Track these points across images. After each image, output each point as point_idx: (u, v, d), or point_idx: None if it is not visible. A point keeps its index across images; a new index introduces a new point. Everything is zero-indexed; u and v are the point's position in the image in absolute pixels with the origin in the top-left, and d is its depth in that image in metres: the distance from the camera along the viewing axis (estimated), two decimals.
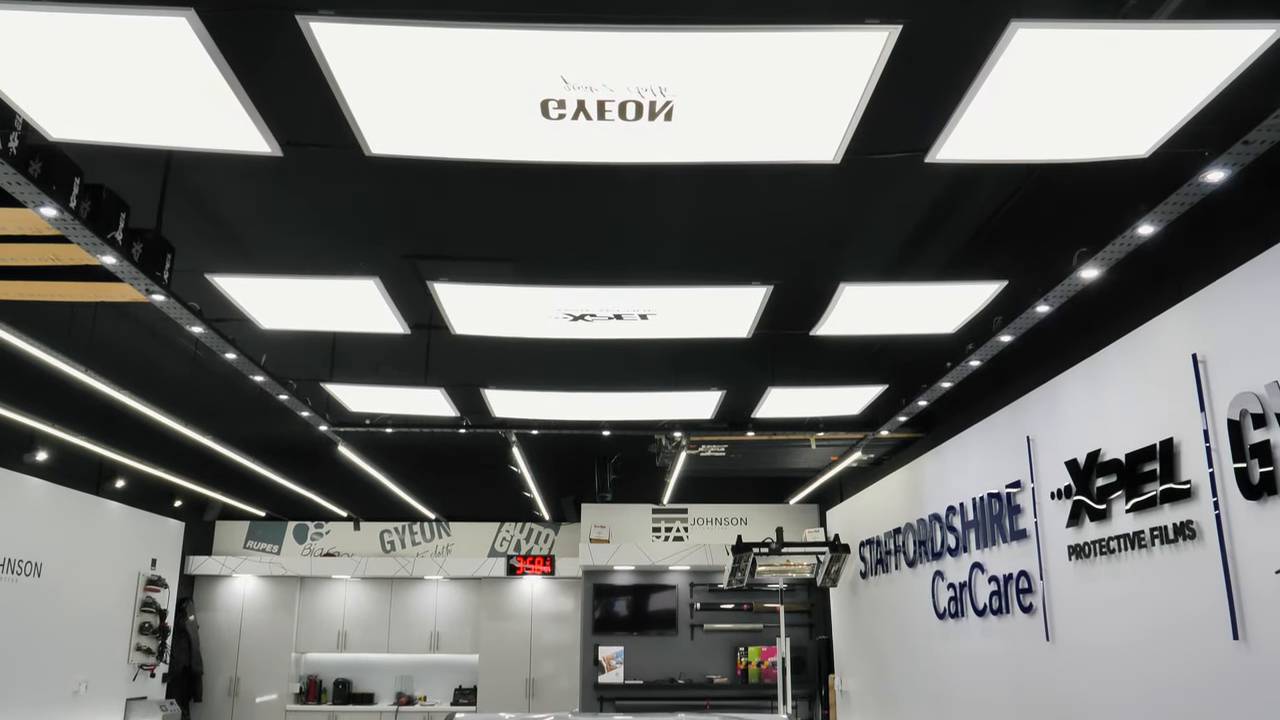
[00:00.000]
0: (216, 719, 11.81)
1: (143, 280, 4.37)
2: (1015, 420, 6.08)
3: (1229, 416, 4.05)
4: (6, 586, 8.29)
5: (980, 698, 6.46)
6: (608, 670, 11.28)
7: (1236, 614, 4.00)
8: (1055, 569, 5.51)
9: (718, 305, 4.89)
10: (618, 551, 11.45)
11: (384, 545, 12.81)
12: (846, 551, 9.32)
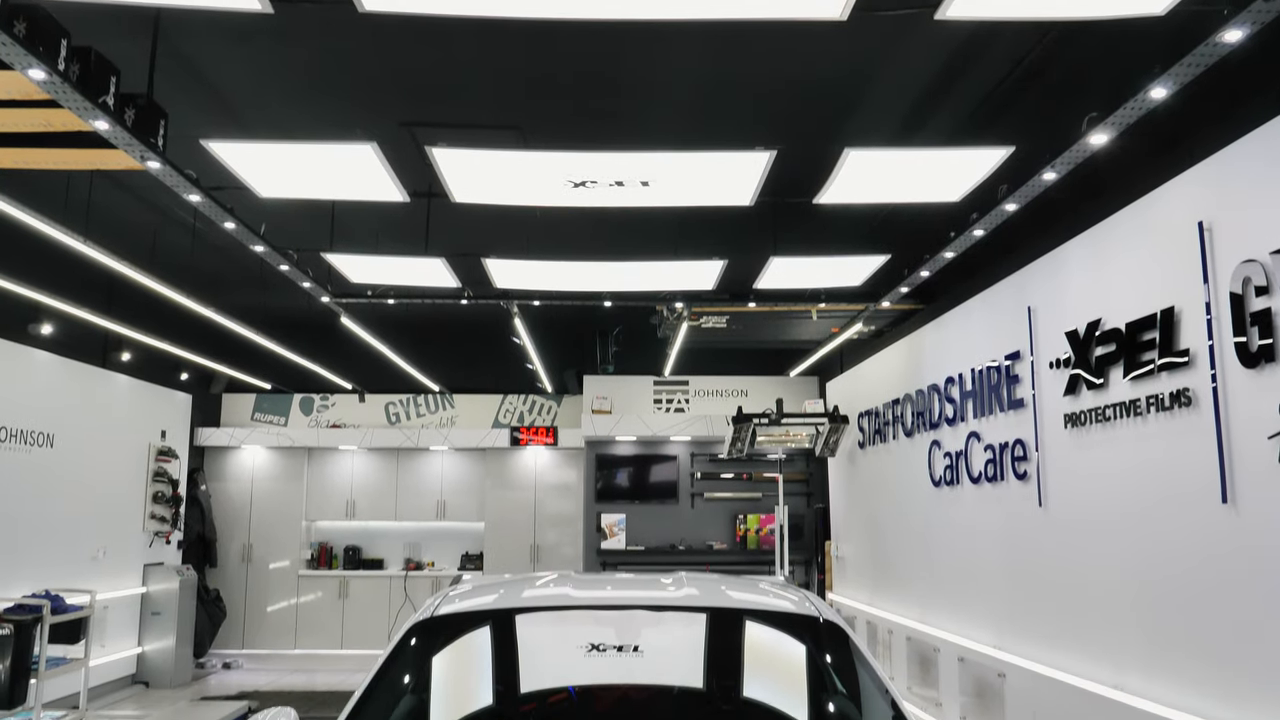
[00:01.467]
0: (231, 583, 12.20)
1: (137, 146, 4.31)
2: (1017, 290, 6.08)
3: (1231, 287, 4.04)
4: (21, 457, 8.45)
5: (972, 562, 6.65)
6: (610, 537, 11.59)
7: (1227, 479, 4.08)
8: (1051, 437, 5.60)
9: (720, 171, 4.83)
10: (619, 422, 11.62)
11: (389, 417, 12.99)
12: (845, 422, 9.45)
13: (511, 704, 3.03)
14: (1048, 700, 5.40)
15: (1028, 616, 5.83)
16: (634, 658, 3.06)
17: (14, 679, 7.33)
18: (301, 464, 12.58)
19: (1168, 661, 4.45)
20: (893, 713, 2.88)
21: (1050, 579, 5.57)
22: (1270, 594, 3.82)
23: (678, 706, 3.10)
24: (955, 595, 6.96)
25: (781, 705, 3.17)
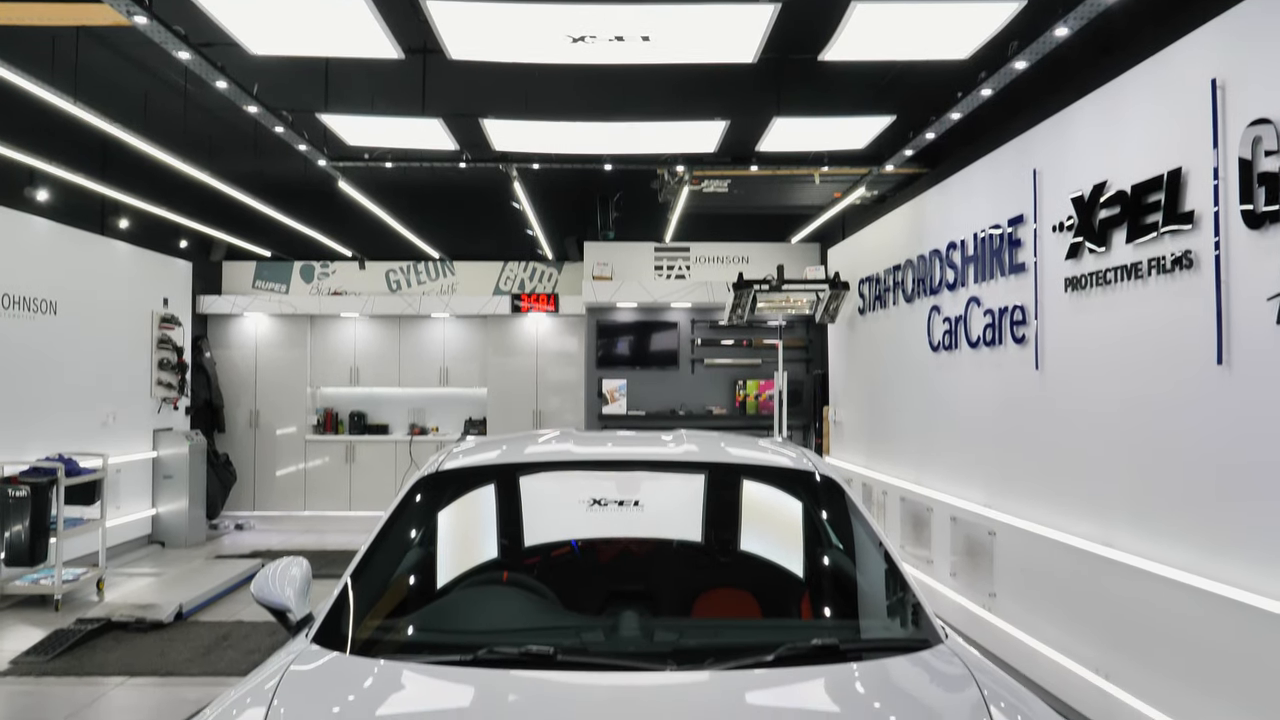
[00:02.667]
0: (240, 448, 12.43)
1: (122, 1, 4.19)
2: (1022, 153, 5.99)
3: (1241, 150, 3.98)
4: (25, 324, 8.49)
5: (967, 425, 6.76)
6: (611, 402, 11.74)
7: (1223, 340, 4.11)
8: (1050, 301, 5.61)
9: (722, 25, 4.69)
10: (620, 289, 11.62)
11: (390, 284, 12.99)
12: (846, 289, 9.45)
13: (515, 557, 3.12)
14: (1036, 556, 5.57)
15: (1020, 477, 5.96)
16: (634, 512, 3.14)
17: (34, 538, 7.55)
18: (304, 331, 12.65)
19: (1155, 519, 4.57)
20: (886, 565, 2.97)
21: (1043, 440, 5.67)
22: (1259, 452, 3.90)
23: (677, 559, 3.20)
24: (949, 457, 7.10)
25: (778, 558, 3.27)
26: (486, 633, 2.60)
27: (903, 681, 2.39)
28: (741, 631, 2.77)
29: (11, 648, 6.51)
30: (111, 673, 5.95)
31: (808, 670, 2.37)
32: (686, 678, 2.33)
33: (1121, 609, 4.68)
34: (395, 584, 2.90)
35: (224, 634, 6.82)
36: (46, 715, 5.23)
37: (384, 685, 2.32)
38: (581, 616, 2.81)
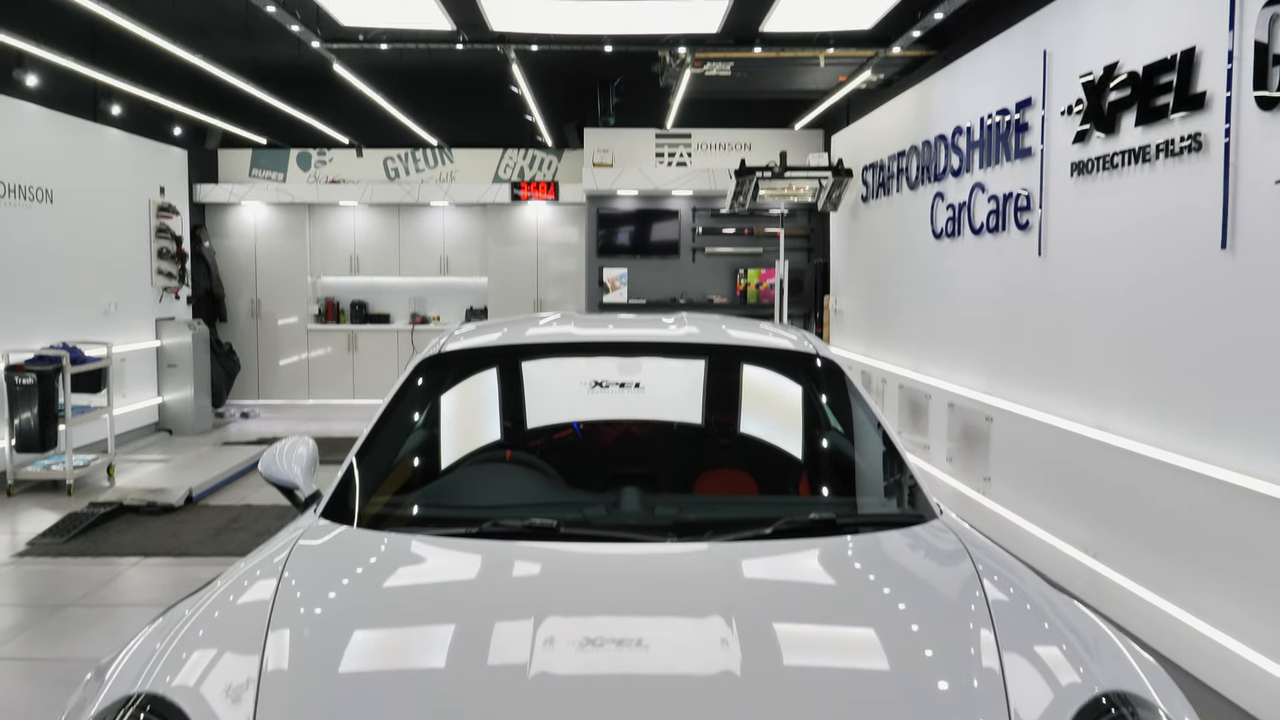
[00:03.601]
0: (243, 338, 12.49)
1: None
2: (1033, 34, 5.85)
3: (1256, 34, 3.89)
4: (22, 212, 8.42)
5: (968, 312, 6.77)
6: (611, 290, 11.73)
7: (1228, 224, 4.09)
8: (1055, 186, 5.56)
9: None
10: (621, 176, 11.50)
11: (388, 172, 12.84)
12: (849, 175, 9.35)
13: (517, 438, 3.17)
14: (1031, 441, 5.65)
15: (1018, 363, 6.00)
16: (636, 394, 3.17)
17: (43, 424, 7.65)
18: (303, 220, 12.56)
19: (1153, 403, 4.62)
20: (884, 446, 3.02)
21: (1043, 327, 5.69)
22: (1259, 337, 3.92)
23: (678, 441, 3.25)
24: (949, 345, 7.13)
25: (777, 439, 3.32)
26: (491, 508, 2.67)
27: (897, 553, 2.46)
28: (740, 507, 2.84)
29: (28, 530, 6.67)
30: (126, 553, 6.11)
31: (804, 542, 2.44)
32: (686, 548, 2.40)
33: (1113, 492, 4.78)
34: (400, 463, 2.96)
35: (233, 517, 6.97)
36: (65, 592, 5.39)
37: (392, 556, 2.39)
38: (584, 494, 2.87)
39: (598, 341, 3.38)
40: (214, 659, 1.91)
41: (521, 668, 1.84)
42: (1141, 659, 2.02)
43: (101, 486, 7.98)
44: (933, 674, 1.88)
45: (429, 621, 2.09)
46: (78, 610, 5.12)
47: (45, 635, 4.77)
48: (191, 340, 10.86)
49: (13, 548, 6.27)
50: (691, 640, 1.96)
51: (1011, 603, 2.16)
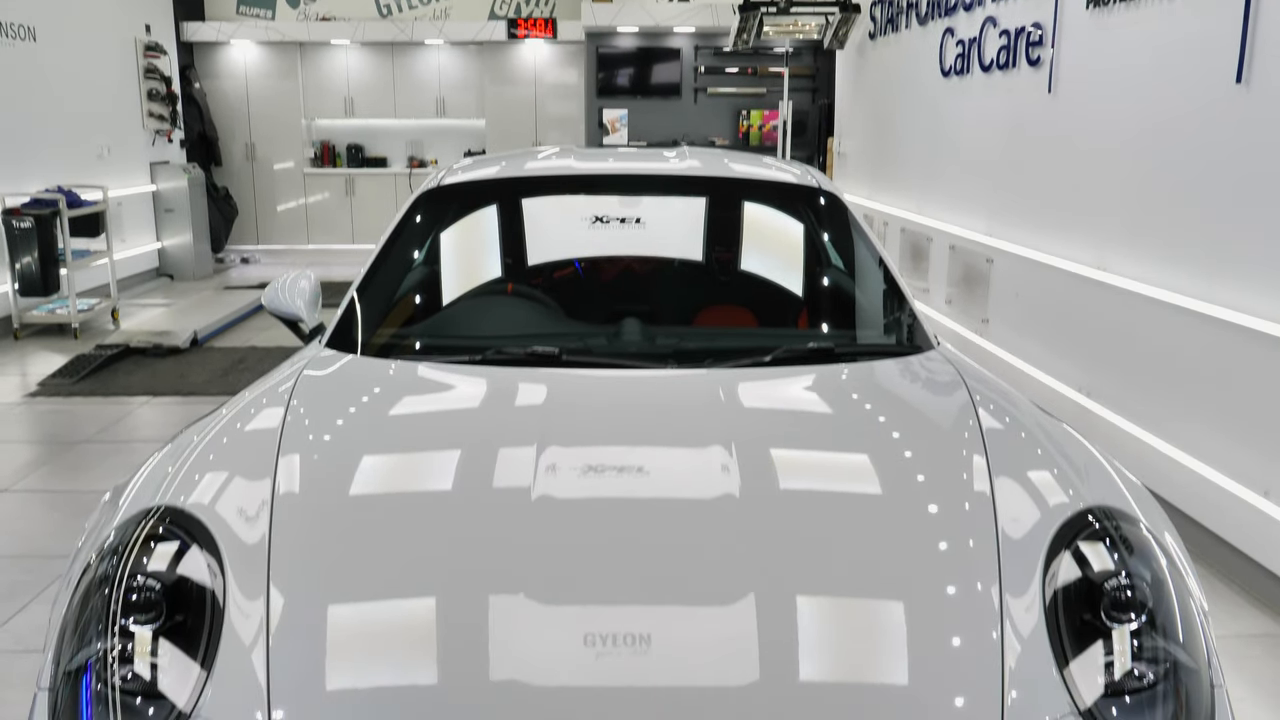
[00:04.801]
0: (239, 182, 12.34)
1: None
2: None
3: None
4: (4, 51, 8.18)
5: (973, 153, 6.66)
6: (612, 133, 11.52)
7: (1245, 57, 3.98)
8: (1070, 19, 5.38)
9: None
10: (621, 11, 11.11)
11: (380, 9, 12.40)
12: (857, 12, 9.03)
13: (518, 273, 3.18)
14: (1031, 282, 5.66)
15: (1022, 204, 5.95)
16: (636, 229, 3.17)
17: (44, 268, 7.66)
18: (295, 61, 12.21)
19: (1154, 244, 4.61)
20: (884, 279, 3.03)
21: (1049, 167, 5.62)
22: (1267, 175, 3.87)
23: (679, 277, 3.26)
24: (952, 187, 7.05)
25: (779, 274, 3.33)
26: (494, 337, 2.70)
27: (894, 382, 2.51)
28: (740, 338, 2.88)
29: (38, 371, 6.77)
30: (135, 393, 6.22)
31: (802, 369, 2.49)
32: (686, 373, 2.46)
33: (1111, 332, 4.82)
34: (403, 296, 2.98)
35: (239, 358, 7.06)
36: (79, 430, 5.52)
37: (398, 382, 2.44)
38: (585, 325, 2.90)
39: (598, 175, 3.34)
40: (226, 481, 1.97)
41: (525, 491, 1.91)
42: (1127, 480, 2.08)
43: (107, 330, 8.05)
44: (924, 498, 1.94)
45: (435, 447, 2.15)
46: (92, 446, 5.25)
47: (62, 469, 4.91)
48: (187, 184, 10.74)
49: (24, 388, 6.38)
50: (692, 466, 2.02)
51: (1005, 430, 2.21)
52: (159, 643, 1.61)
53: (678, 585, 1.70)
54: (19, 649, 3.24)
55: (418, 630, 1.65)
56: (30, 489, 4.64)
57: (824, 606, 1.70)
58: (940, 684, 1.55)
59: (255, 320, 8.48)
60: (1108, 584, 1.71)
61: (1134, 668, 1.61)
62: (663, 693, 1.51)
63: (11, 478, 4.76)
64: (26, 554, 3.93)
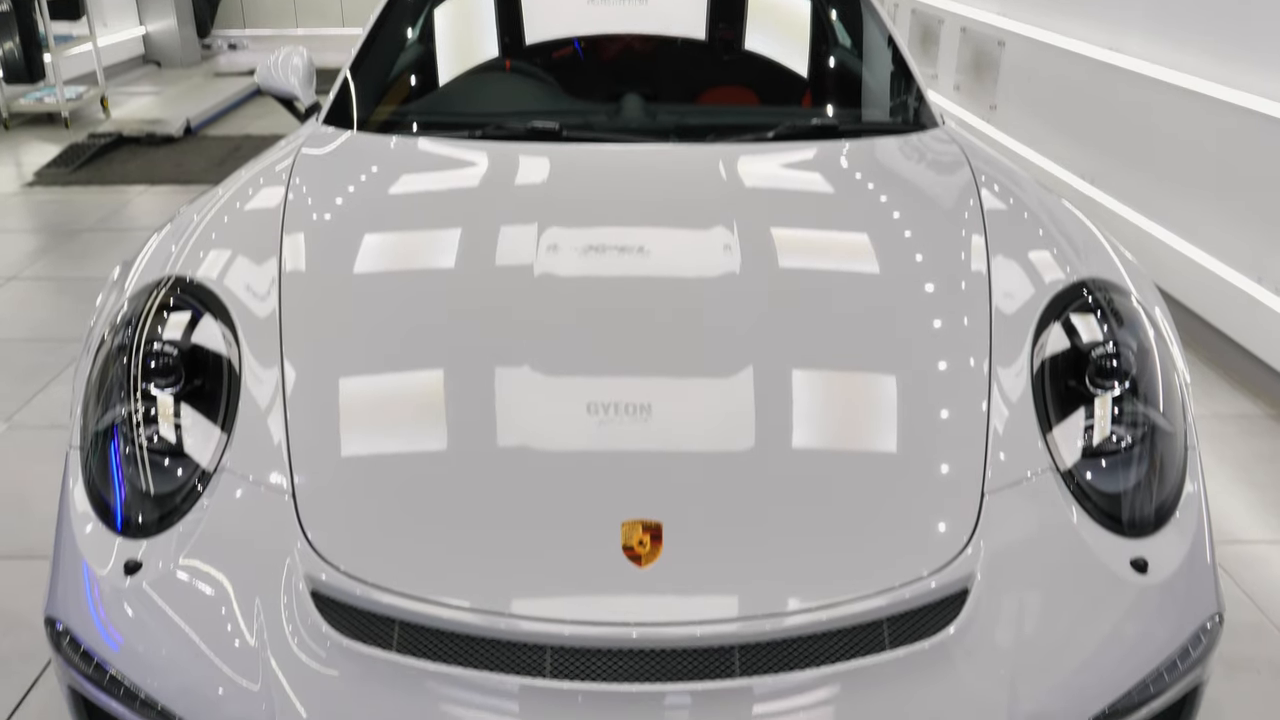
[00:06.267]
0: None
1: None
2: None
3: None
4: None
5: None
6: None
7: None
8: None
9: None
10: None
11: None
12: None
13: (516, 53, 3.09)
14: (1042, 66, 5.49)
15: None
16: (638, 6, 3.06)
17: (27, 53, 7.42)
18: None
19: (1172, 24, 4.44)
20: (892, 56, 2.95)
21: None
22: None
23: (682, 57, 3.17)
24: None
25: (783, 55, 3.23)
26: (494, 114, 2.66)
27: (896, 159, 2.50)
28: (742, 115, 2.84)
29: (32, 161, 6.68)
30: (133, 181, 6.17)
31: (804, 145, 2.48)
32: (688, 148, 2.45)
33: (1120, 117, 4.72)
34: (399, 72, 2.92)
35: (235, 146, 6.95)
36: (79, 219, 5.51)
37: (398, 158, 2.43)
38: (586, 102, 2.86)
39: None
40: (231, 258, 1.99)
41: (527, 268, 1.94)
42: (1123, 256, 2.10)
43: (98, 119, 7.88)
44: (921, 277, 1.97)
45: (438, 224, 2.16)
46: (94, 235, 5.25)
47: (67, 257, 4.93)
48: None
49: (20, 178, 6.32)
50: (693, 245, 2.04)
51: (1006, 210, 2.21)
52: (180, 406, 1.68)
53: (678, 358, 1.76)
54: (45, 424, 3.37)
55: (427, 400, 1.71)
56: (38, 276, 4.68)
57: (819, 379, 1.76)
58: (927, 450, 1.62)
59: (249, 108, 8.29)
60: (1094, 352, 1.76)
61: (1113, 431, 1.68)
62: (662, 457, 1.59)
63: (18, 265, 4.79)
64: (42, 337, 4.02)
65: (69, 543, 1.60)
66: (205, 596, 1.48)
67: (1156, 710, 1.54)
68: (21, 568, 2.63)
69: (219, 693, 1.40)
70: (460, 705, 1.34)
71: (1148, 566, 1.55)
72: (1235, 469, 3.22)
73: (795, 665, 1.35)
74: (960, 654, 1.40)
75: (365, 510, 1.53)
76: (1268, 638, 2.46)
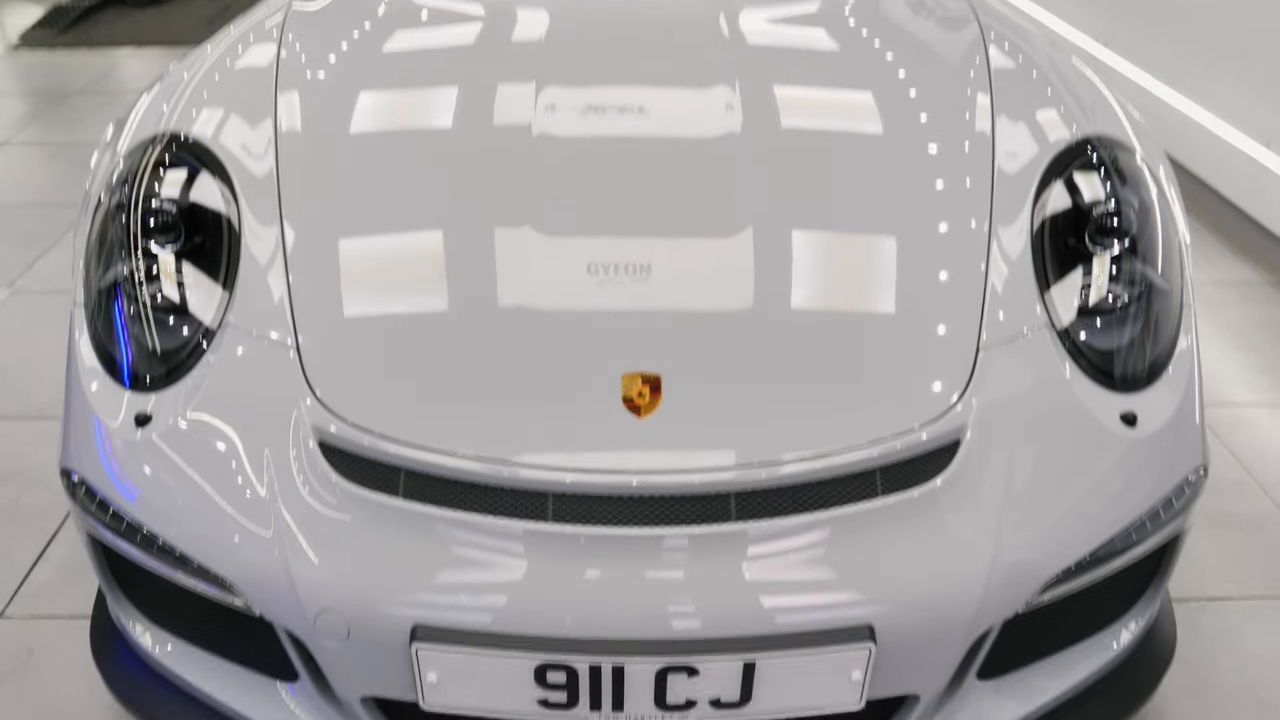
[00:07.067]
0: None
1: None
2: None
3: None
4: None
5: None
6: None
7: None
8: None
9: None
10: None
11: None
12: None
13: None
14: None
15: None
16: None
17: None
18: None
19: None
20: None
21: None
22: None
23: None
24: None
25: None
26: None
27: (903, 11, 2.43)
28: None
29: (16, 23, 6.51)
30: (120, 43, 6.02)
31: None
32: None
33: None
34: None
35: (223, 6, 6.76)
36: (69, 82, 5.40)
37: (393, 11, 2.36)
38: None
39: None
40: (225, 117, 1.95)
41: (525, 128, 1.91)
42: (1130, 114, 2.07)
43: None
44: (925, 137, 1.94)
45: (434, 82, 2.12)
46: (84, 99, 5.16)
47: (58, 122, 4.86)
48: None
49: (5, 41, 6.17)
50: (695, 104, 2.01)
51: (1014, 68, 2.16)
52: (181, 264, 1.69)
53: (678, 218, 1.76)
54: (47, 289, 3.38)
55: (428, 259, 1.72)
56: (30, 141, 4.62)
57: (819, 240, 1.77)
58: (924, 307, 1.64)
59: None
60: (1095, 210, 1.75)
61: (1110, 290, 1.69)
62: (661, 314, 1.60)
63: (8, 131, 4.72)
64: (38, 203, 3.99)
65: (79, 397, 1.63)
66: (215, 447, 1.51)
67: (1137, 557, 1.60)
68: (34, 428, 2.69)
69: (234, 540, 1.45)
70: (467, 547, 1.39)
71: (1137, 420, 1.58)
72: (1232, 334, 3.24)
73: (789, 511, 1.39)
74: (949, 503, 1.44)
75: (369, 365, 1.55)
76: (1250, 495, 2.53)
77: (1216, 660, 2.07)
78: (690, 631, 1.37)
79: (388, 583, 1.39)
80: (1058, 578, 1.50)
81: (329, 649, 1.44)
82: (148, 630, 1.73)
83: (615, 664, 1.37)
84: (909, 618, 1.40)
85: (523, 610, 1.37)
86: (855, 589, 1.39)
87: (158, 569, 1.54)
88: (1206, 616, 2.18)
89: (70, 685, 1.96)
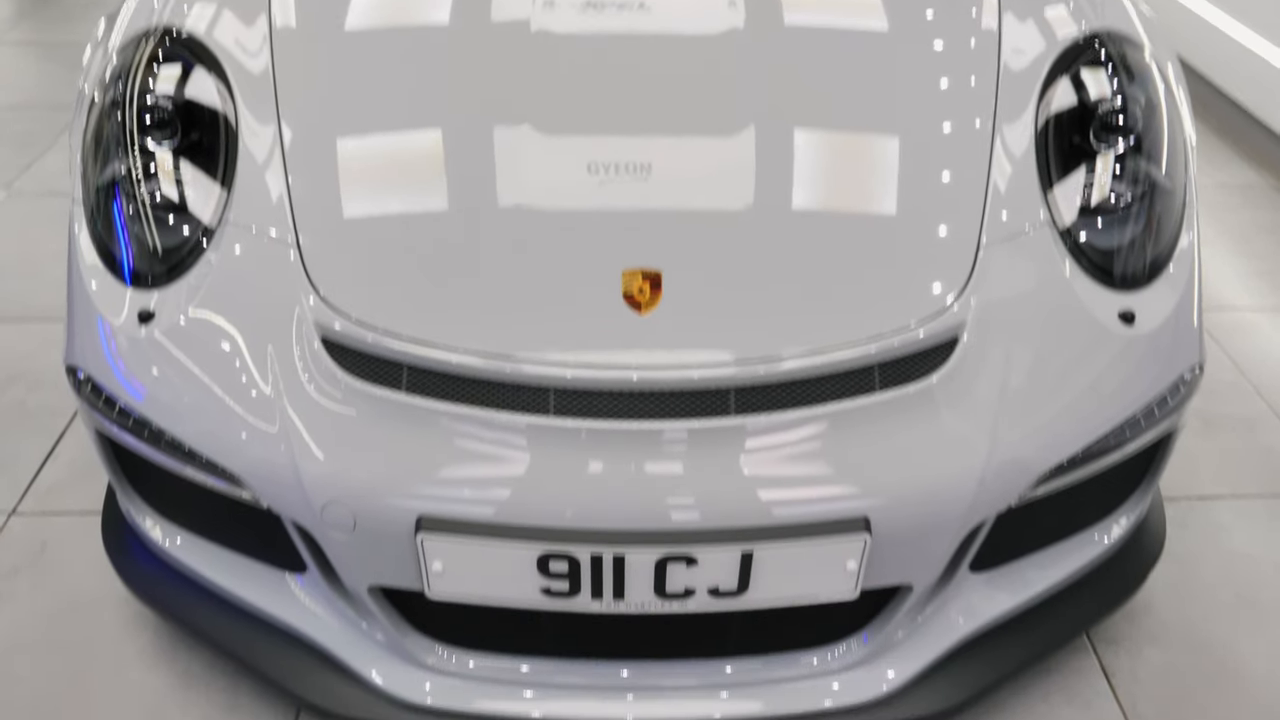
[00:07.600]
0: None
1: None
2: None
3: None
4: None
5: None
6: None
7: None
8: None
9: None
10: None
11: None
12: None
13: None
14: None
15: None
16: None
17: None
18: None
19: None
20: None
21: None
22: None
23: None
24: None
25: None
26: None
27: None
28: None
29: None
30: None
31: None
32: None
33: None
34: None
35: None
36: None
37: None
38: None
39: None
40: (217, 13, 1.91)
41: (524, 24, 1.88)
42: (1141, 11, 2.03)
43: None
44: (930, 34, 1.91)
45: None
46: None
47: (48, 22, 4.77)
48: None
49: None
50: (696, 2, 1.97)
51: None
52: (179, 161, 1.68)
53: (679, 117, 1.74)
54: (43, 191, 3.36)
55: (427, 157, 1.71)
56: (19, 41, 4.53)
57: (821, 139, 1.75)
58: (926, 206, 1.63)
59: None
60: (1101, 108, 1.73)
61: (1113, 189, 1.68)
62: (662, 212, 1.60)
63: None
64: (32, 104, 3.94)
65: (81, 294, 1.64)
66: (219, 345, 1.52)
67: (1130, 454, 1.62)
68: (37, 329, 2.70)
69: (241, 436, 1.47)
70: (470, 440, 1.41)
71: (1135, 318, 1.59)
72: (1234, 239, 3.23)
73: (787, 406, 1.41)
74: (945, 399, 1.46)
75: (369, 262, 1.55)
76: (1244, 398, 2.55)
77: (1203, 557, 2.12)
78: (689, 523, 1.40)
79: (393, 475, 1.42)
80: (1051, 473, 1.52)
81: (336, 540, 1.48)
82: (157, 524, 1.77)
83: (616, 554, 1.40)
84: (904, 510, 1.43)
85: (525, 502, 1.40)
86: (851, 482, 1.42)
87: (166, 463, 1.56)
88: (1196, 515, 2.22)
89: (84, 577, 2.01)
